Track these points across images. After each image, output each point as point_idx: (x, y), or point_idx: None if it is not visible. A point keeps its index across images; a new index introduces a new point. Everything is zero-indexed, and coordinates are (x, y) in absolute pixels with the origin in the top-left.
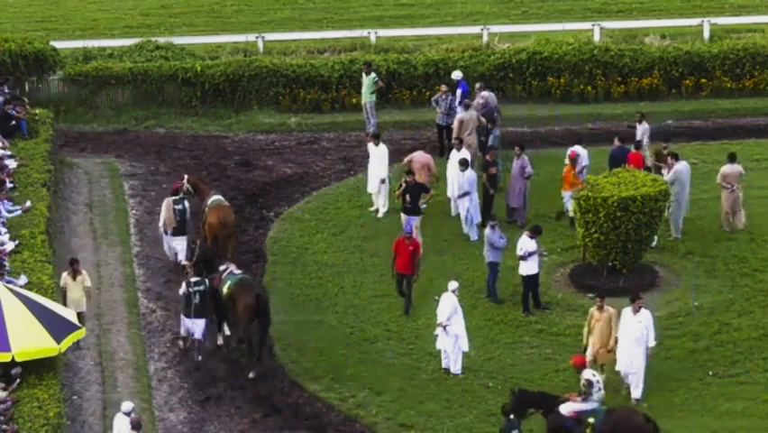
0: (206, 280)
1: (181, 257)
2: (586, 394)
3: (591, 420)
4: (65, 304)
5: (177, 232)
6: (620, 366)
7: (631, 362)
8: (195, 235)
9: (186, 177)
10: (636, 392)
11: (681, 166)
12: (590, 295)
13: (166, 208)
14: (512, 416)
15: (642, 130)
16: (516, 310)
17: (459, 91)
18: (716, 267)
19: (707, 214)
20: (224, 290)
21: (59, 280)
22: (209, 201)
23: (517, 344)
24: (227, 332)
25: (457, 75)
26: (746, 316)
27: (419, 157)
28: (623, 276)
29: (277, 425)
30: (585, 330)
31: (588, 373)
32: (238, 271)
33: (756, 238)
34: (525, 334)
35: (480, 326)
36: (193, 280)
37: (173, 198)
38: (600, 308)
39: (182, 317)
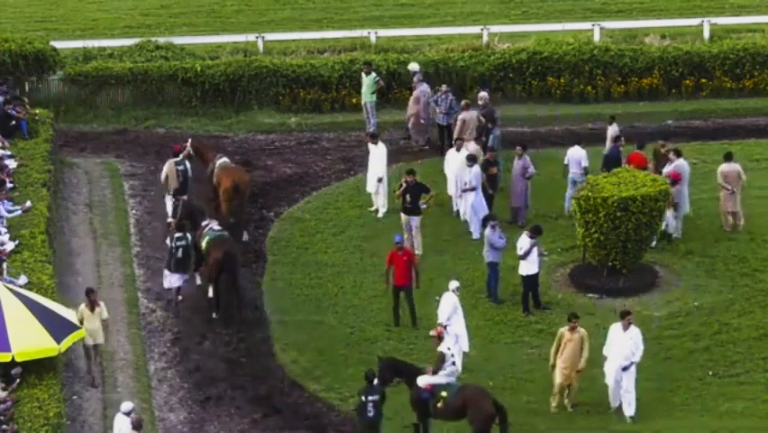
0: (189, 236)
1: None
2: (437, 368)
3: (444, 394)
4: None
5: (178, 192)
6: (610, 383)
7: (622, 380)
8: (193, 196)
9: (189, 140)
10: (630, 410)
11: (682, 162)
12: (590, 295)
13: (168, 169)
14: (375, 382)
15: (612, 132)
16: (516, 310)
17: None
18: (716, 267)
19: (707, 214)
20: (203, 245)
21: (76, 311)
22: (218, 163)
23: (517, 344)
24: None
25: (414, 66)
26: (746, 316)
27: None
28: (623, 276)
29: (277, 425)
30: (553, 349)
31: (443, 347)
32: (218, 228)
33: (756, 238)
34: (525, 334)
35: (480, 326)
36: (176, 235)
37: (175, 159)
38: (572, 329)
39: (164, 270)
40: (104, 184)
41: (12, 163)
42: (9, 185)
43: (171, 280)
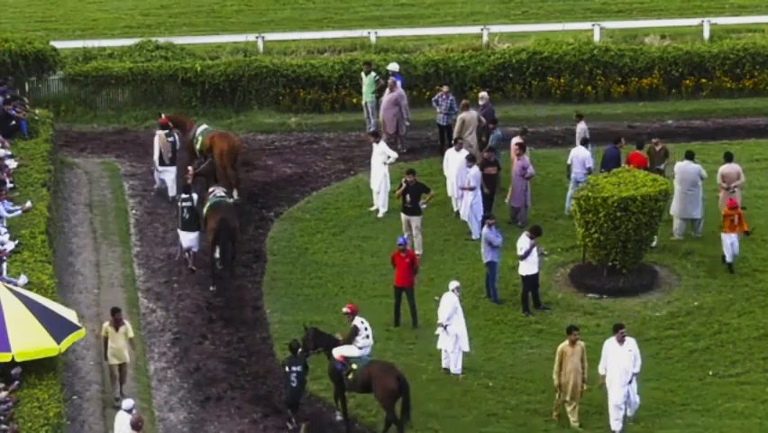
0: (194, 196)
1: (170, 186)
2: (349, 341)
3: (354, 367)
4: (106, 355)
5: (171, 162)
6: (616, 400)
7: (626, 394)
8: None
9: (163, 115)
10: (630, 411)
11: (685, 164)
12: (591, 295)
13: (161, 141)
14: (299, 351)
15: (579, 130)
16: (516, 310)
17: (397, 83)
18: (716, 267)
19: (707, 214)
20: (205, 210)
21: (100, 330)
22: (200, 130)
23: (517, 344)
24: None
25: (394, 66)
26: (746, 316)
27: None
28: (623, 276)
29: (277, 425)
30: (556, 368)
31: (357, 321)
32: (221, 194)
33: (756, 238)
34: (525, 334)
35: (480, 326)
36: (182, 196)
37: (164, 131)
38: (573, 343)
39: (178, 230)
40: (104, 184)
41: (12, 163)
42: (9, 185)
43: (183, 239)
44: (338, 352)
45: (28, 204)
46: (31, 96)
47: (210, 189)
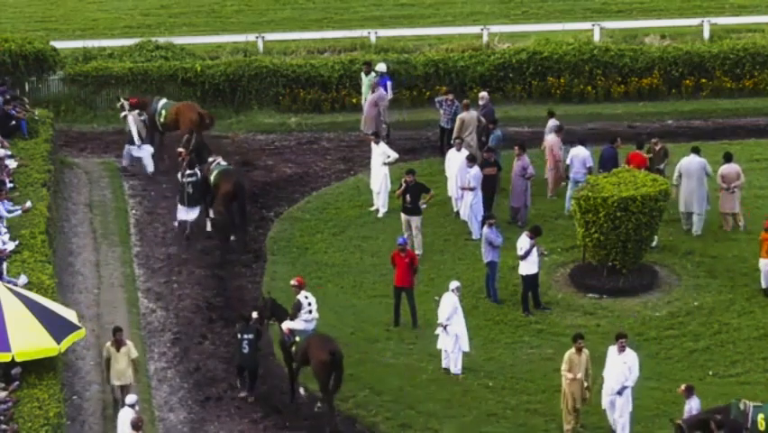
0: (198, 172)
1: (148, 163)
2: (293, 315)
3: (298, 339)
4: (108, 377)
5: (145, 141)
6: (606, 407)
7: (616, 405)
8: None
9: (122, 98)
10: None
11: (690, 159)
12: (591, 295)
13: (135, 121)
14: (255, 317)
15: (550, 126)
16: (516, 310)
17: (388, 83)
18: (716, 267)
19: (707, 214)
20: (211, 178)
21: (103, 351)
22: (161, 104)
23: (517, 344)
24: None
25: (381, 67)
26: (746, 316)
27: None
28: (623, 276)
29: (277, 425)
30: (568, 375)
31: (301, 296)
32: (224, 163)
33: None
34: (525, 334)
35: (480, 326)
36: (187, 172)
37: (137, 111)
38: (579, 351)
39: (178, 205)
40: (104, 184)
41: (12, 163)
42: (9, 185)
43: (184, 214)
44: (285, 325)
45: (28, 204)
46: (31, 96)
47: (211, 159)
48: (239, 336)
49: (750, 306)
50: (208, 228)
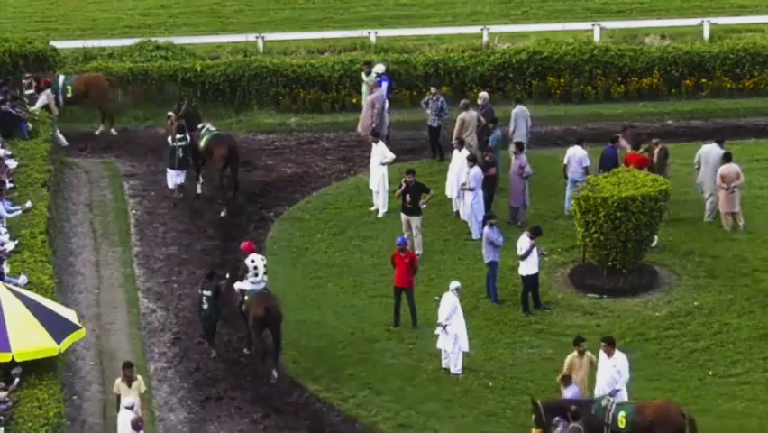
0: (188, 137)
1: (61, 136)
2: (241, 277)
3: (246, 298)
4: (118, 408)
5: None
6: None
7: None
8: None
9: (30, 76)
10: None
11: (710, 147)
12: (590, 295)
13: (48, 99)
14: (214, 277)
15: (519, 111)
16: (516, 310)
17: (384, 84)
18: (716, 267)
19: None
20: (201, 144)
21: (113, 387)
22: (62, 81)
23: (517, 344)
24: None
25: (379, 68)
26: (746, 316)
27: None
28: (623, 276)
29: (277, 425)
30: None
31: (248, 260)
32: (214, 128)
33: (756, 238)
34: (525, 334)
35: (480, 326)
36: (177, 136)
37: (49, 89)
38: (581, 354)
39: (168, 170)
40: (104, 184)
41: (12, 163)
42: (9, 185)
43: (174, 178)
44: (236, 285)
45: (28, 204)
46: (31, 96)
47: (200, 125)
48: (199, 291)
49: (750, 306)
50: (198, 191)
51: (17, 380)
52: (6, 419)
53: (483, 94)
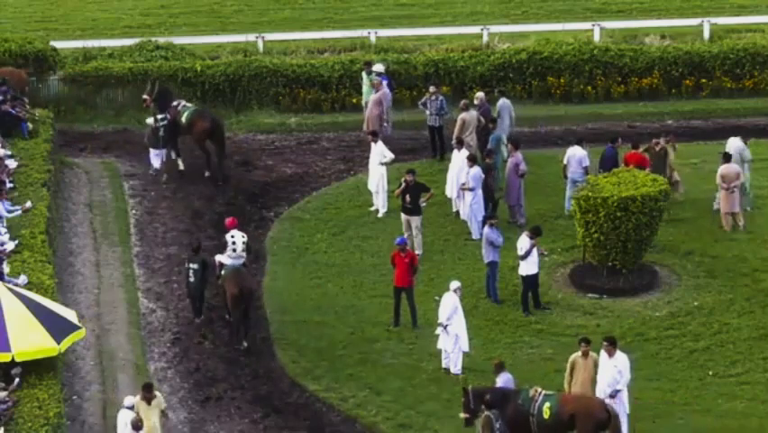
0: (168, 116)
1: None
2: (222, 251)
3: (224, 272)
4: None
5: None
6: None
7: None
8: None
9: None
10: None
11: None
12: (590, 295)
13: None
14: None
15: (504, 105)
16: (516, 310)
17: (385, 83)
18: (716, 267)
19: (707, 214)
20: (183, 119)
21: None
22: None
23: (517, 344)
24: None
25: (379, 67)
26: (746, 316)
27: None
28: (623, 276)
29: (277, 425)
30: (567, 376)
31: (227, 236)
32: (190, 105)
33: (756, 238)
34: (525, 334)
35: (480, 326)
36: (159, 116)
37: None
38: (585, 355)
39: (151, 150)
40: (104, 184)
41: (12, 163)
42: (9, 185)
43: (161, 154)
44: (216, 258)
45: (28, 204)
46: (31, 96)
47: (175, 103)
48: (186, 264)
49: (750, 306)
50: (181, 168)
51: (17, 380)
52: (6, 419)
53: (480, 94)
